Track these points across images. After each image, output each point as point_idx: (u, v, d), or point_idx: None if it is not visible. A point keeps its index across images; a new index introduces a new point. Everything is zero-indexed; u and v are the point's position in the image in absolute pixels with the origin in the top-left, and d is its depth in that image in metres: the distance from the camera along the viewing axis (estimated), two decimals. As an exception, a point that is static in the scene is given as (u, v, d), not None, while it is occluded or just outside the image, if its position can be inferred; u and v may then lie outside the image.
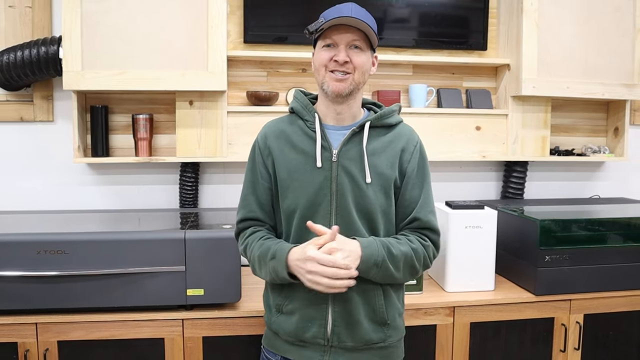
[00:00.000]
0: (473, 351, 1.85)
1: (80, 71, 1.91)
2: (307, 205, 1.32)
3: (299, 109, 1.40)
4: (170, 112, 2.20)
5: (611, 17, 2.26)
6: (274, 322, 1.40)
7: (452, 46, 2.32)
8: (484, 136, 2.30)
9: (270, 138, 1.39)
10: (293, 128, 1.39)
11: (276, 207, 1.41)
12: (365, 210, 1.33)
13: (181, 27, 1.96)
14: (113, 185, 2.24)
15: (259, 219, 1.41)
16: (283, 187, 1.36)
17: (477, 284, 1.91)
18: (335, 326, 1.33)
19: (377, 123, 1.37)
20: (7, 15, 2.10)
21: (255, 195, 1.40)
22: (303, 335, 1.35)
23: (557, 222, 1.88)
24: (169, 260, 1.65)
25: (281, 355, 1.40)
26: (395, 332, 1.39)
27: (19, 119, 2.16)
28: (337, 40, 1.30)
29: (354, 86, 1.32)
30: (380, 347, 1.37)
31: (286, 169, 1.35)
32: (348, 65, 1.30)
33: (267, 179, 1.39)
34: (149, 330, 1.67)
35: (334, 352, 1.35)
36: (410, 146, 1.38)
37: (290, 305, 1.35)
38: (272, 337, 1.42)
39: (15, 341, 1.63)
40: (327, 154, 1.34)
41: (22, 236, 1.61)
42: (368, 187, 1.32)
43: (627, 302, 1.94)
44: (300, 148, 1.36)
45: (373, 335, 1.35)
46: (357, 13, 1.28)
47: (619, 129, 2.46)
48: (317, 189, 1.32)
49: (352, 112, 1.38)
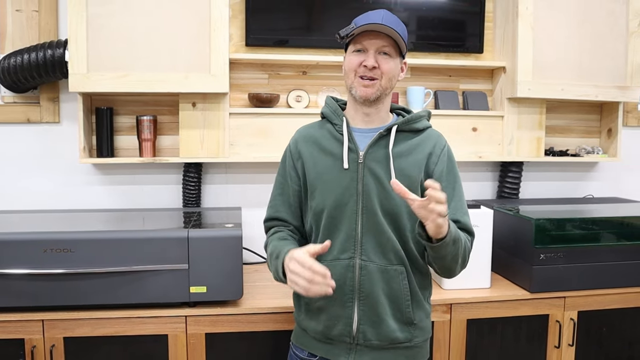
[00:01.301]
0: (469, 347, 1.85)
1: (85, 74, 1.92)
2: (334, 205, 1.33)
3: (328, 113, 1.41)
4: (173, 113, 2.20)
5: (605, 21, 2.26)
6: (302, 320, 1.41)
7: (449, 49, 2.32)
8: (480, 137, 2.30)
9: (301, 142, 1.42)
10: (322, 132, 1.41)
11: (305, 208, 1.42)
12: (390, 211, 1.33)
13: (184, 31, 1.96)
14: (118, 185, 2.25)
15: (284, 219, 1.44)
16: (312, 188, 1.37)
17: (474, 282, 1.91)
18: (361, 324, 1.33)
19: (404, 127, 1.37)
20: (15, 19, 2.10)
21: (283, 196, 1.44)
22: (330, 333, 1.35)
23: (552, 221, 1.88)
24: (173, 258, 1.65)
25: (309, 351, 1.40)
26: (422, 332, 1.39)
27: (25, 121, 2.16)
28: (367, 46, 1.31)
29: (381, 91, 1.33)
30: (406, 347, 1.37)
31: (315, 170, 1.37)
32: (376, 70, 1.30)
33: (296, 182, 1.41)
34: (153, 327, 1.67)
35: (360, 350, 1.35)
36: (437, 150, 1.38)
37: (319, 303, 1.35)
38: (300, 334, 1.44)
39: (22, 337, 1.63)
40: (354, 156, 1.34)
41: (29, 235, 1.62)
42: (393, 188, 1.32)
43: (620, 299, 1.95)
44: (329, 150, 1.37)
45: (399, 334, 1.34)
46: (387, 20, 1.28)
47: (612, 130, 2.47)
48: (344, 189, 1.33)
49: (380, 115, 1.38)
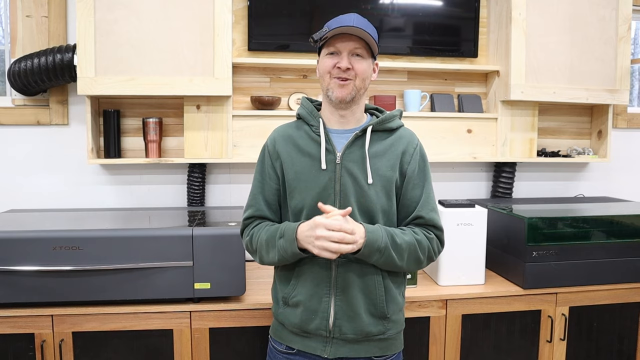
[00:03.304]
0: (464, 341, 1.86)
1: (93, 77, 1.92)
2: (312, 205, 1.33)
3: (304, 114, 1.41)
4: (178, 115, 2.20)
5: (595, 27, 2.26)
6: (280, 314, 1.41)
7: (444, 54, 2.33)
8: (474, 139, 2.31)
9: (279, 142, 1.40)
10: (300, 133, 1.40)
11: (283, 206, 1.41)
12: (367, 210, 1.33)
13: (189, 36, 1.96)
14: (125, 185, 2.25)
15: (266, 217, 1.42)
16: (290, 188, 1.37)
17: (469, 278, 1.91)
18: (337, 319, 1.34)
19: (378, 127, 1.37)
20: (25, 25, 2.10)
21: (263, 194, 1.41)
22: (307, 327, 1.35)
23: (544, 219, 1.88)
24: (178, 255, 1.65)
25: (286, 344, 1.40)
26: (395, 325, 1.40)
27: (36, 123, 2.17)
28: (340, 48, 1.31)
29: (355, 92, 1.33)
30: (379, 339, 1.38)
31: (293, 171, 1.36)
32: (350, 72, 1.31)
33: (275, 181, 1.40)
34: (158, 322, 1.68)
35: (336, 343, 1.35)
36: (410, 148, 1.38)
37: (296, 298, 1.36)
38: (278, 327, 1.43)
39: (32, 332, 1.63)
40: (332, 157, 1.34)
41: (39, 233, 1.62)
42: (370, 187, 1.33)
43: (610, 295, 1.95)
44: (306, 151, 1.36)
45: (372, 328, 1.35)
46: (359, 23, 1.29)
47: (602, 131, 2.47)
48: (322, 189, 1.33)
49: (355, 116, 1.38)
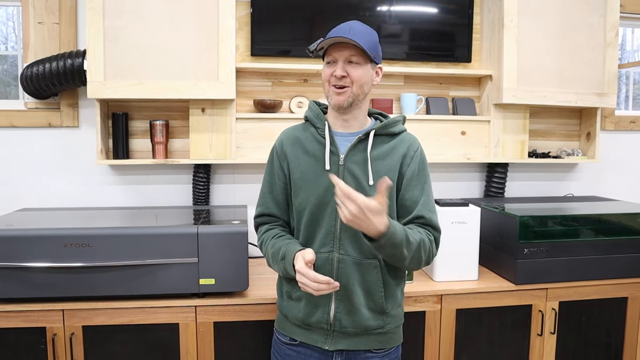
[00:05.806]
0: (458, 335, 1.86)
1: (102, 81, 1.92)
2: (316, 203, 1.34)
3: (312, 117, 1.42)
4: (184, 118, 2.20)
5: (584, 33, 2.26)
6: (284, 307, 1.42)
7: (439, 59, 2.32)
8: (468, 140, 2.31)
9: (286, 144, 1.42)
10: (306, 135, 1.41)
11: (290, 204, 1.43)
12: None
13: (194, 42, 1.96)
14: (132, 185, 2.25)
15: (274, 215, 1.44)
16: (296, 187, 1.38)
17: (463, 274, 1.91)
18: (337, 313, 1.34)
19: (381, 131, 1.37)
20: (37, 31, 2.10)
21: (272, 194, 1.43)
22: (309, 320, 1.36)
23: (535, 218, 1.88)
24: (183, 252, 1.65)
25: (290, 336, 1.41)
26: (394, 320, 1.40)
27: (47, 125, 2.17)
28: (336, 57, 1.31)
29: (353, 98, 1.32)
30: (378, 333, 1.38)
31: (299, 171, 1.37)
32: (345, 79, 1.30)
33: (283, 180, 1.42)
34: (165, 316, 1.68)
35: (336, 336, 1.36)
36: (411, 152, 1.38)
37: (299, 293, 1.36)
38: (282, 320, 1.44)
39: (44, 326, 1.64)
40: (335, 158, 1.35)
41: (51, 231, 1.62)
42: (371, 188, 1.33)
43: (598, 291, 1.95)
44: (312, 152, 1.37)
45: (371, 322, 1.36)
46: (355, 31, 1.27)
47: (590, 133, 2.47)
48: (325, 189, 1.33)
49: (358, 120, 1.38)
